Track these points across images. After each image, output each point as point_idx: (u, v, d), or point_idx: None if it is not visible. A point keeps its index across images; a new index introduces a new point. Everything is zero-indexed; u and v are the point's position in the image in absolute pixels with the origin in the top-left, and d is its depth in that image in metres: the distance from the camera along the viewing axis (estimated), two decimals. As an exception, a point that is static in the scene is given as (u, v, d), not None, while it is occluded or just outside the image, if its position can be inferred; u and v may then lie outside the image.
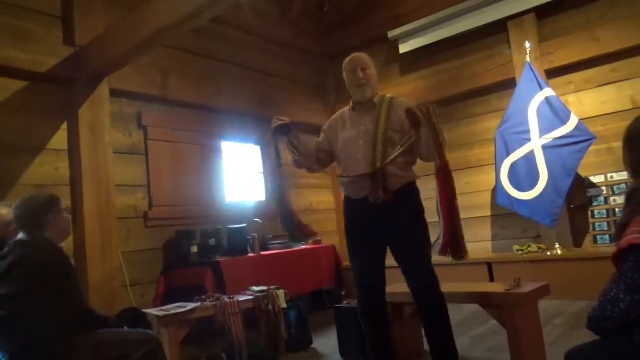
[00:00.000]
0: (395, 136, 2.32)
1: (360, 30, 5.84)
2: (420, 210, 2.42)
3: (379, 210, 2.29)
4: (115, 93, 3.87)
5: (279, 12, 5.56)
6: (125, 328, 2.47)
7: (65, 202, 2.40)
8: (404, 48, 5.44)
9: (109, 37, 3.43)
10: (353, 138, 2.40)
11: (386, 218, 2.31)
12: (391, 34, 5.46)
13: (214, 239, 4.12)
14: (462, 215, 5.56)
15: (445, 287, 2.38)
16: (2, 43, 3.26)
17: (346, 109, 2.54)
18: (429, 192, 2.64)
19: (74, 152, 3.59)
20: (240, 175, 5.09)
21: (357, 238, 2.44)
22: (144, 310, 3.06)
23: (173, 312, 2.92)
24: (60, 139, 3.60)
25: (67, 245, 2.48)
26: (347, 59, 2.48)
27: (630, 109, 4.21)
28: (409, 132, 2.24)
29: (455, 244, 2.16)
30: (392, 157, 2.24)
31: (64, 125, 3.63)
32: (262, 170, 5.29)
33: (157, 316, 2.86)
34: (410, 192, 2.41)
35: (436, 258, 2.29)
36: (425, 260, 2.35)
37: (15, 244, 2.09)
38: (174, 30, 3.07)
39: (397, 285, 2.75)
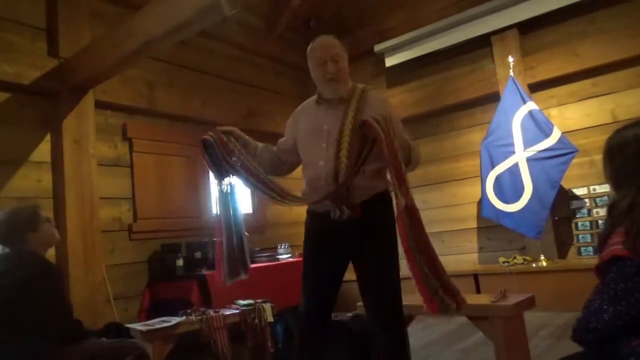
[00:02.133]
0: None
1: (347, 44, 5.84)
2: (390, 225, 1.99)
3: (342, 225, 1.93)
4: (100, 105, 3.84)
5: (265, 26, 5.58)
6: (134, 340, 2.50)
7: (48, 215, 2.37)
8: (390, 61, 5.50)
9: (94, 49, 3.41)
10: (314, 138, 2.00)
11: (350, 233, 1.95)
12: (377, 47, 5.52)
13: (199, 252, 4.08)
14: (448, 228, 5.57)
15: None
16: (-15, 54, 3.23)
17: (311, 100, 2.12)
18: (417, 203, 2.43)
19: (57, 164, 3.54)
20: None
21: (315, 255, 2.07)
22: (127, 325, 3.00)
23: (157, 326, 2.88)
24: (43, 151, 3.55)
25: (49, 258, 2.43)
26: (313, 44, 2.07)
27: (611, 123, 4.30)
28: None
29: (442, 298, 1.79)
30: (354, 170, 1.85)
31: (47, 137, 3.58)
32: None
33: (141, 331, 2.81)
34: (380, 204, 1.99)
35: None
36: (388, 289, 1.95)
37: None
38: (161, 43, 3.07)
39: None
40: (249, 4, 4.92)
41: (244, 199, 5.22)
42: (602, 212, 4.26)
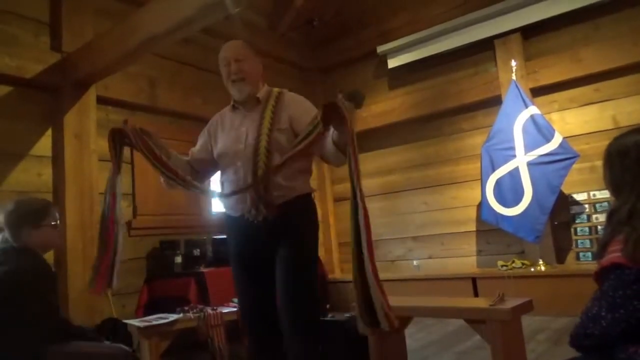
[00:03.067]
0: (282, 138, 1.88)
1: (349, 44, 5.90)
2: (308, 227, 1.95)
3: (259, 229, 1.88)
4: (102, 100, 3.84)
5: (268, 25, 5.59)
6: (107, 342, 2.41)
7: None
8: (392, 63, 5.49)
9: (97, 44, 3.41)
10: (232, 143, 1.96)
11: (266, 234, 1.88)
12: (380, 49, 5.52)
13: (198, 250, 4.08)
14: (447, 230, 5.59)
15: (430, 302, 2.37)
16: (-12, 47, 3.23)
17: (227, 108, 2.12)
18: (418, 205, 2.44)
19: (58, 159, 3.55)
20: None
21: (238, 264, 2.01)
22: (124, 321, 3.00)
23: (154, 323, 2.88)
24: (44, 145, 3.55)
25: (48, 253, 2.43)
26: (222, 47, 2.06)
27: (613, 129, 4.29)
28: (309, 131, 1.71)
29: (367, 311, 1.53)
30: (278, 164, 1.78)
31: (49, 132, 3.58)
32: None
33: (138, 327, 2.82)
34: (300, 206, 1.92)
35: (413, 273, 2.10)
36: (301, 293, 1.85)
37: None
38: (163, 40, 3.07)
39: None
40: (253, 3, 4.92)
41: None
42: (602, 217, 4.26)
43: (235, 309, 3.25)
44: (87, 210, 3.54)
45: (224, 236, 4.21)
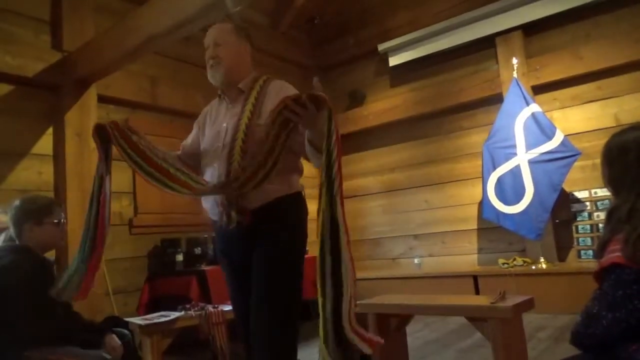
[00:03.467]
0: (263, 132, 1.58)
1: (351, 42, 5.90)
2: (289, 234, 1.69)
3: (236, 236, 1.70)
4: (102, 99, 3.84)
5: (270, 24, 5.58)
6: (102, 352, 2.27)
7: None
8: (393, 61, 5.49)
9: (98, 43, 3.41)
10: (212, 140, 1.77)
11: (244, 242, 1.69)
12: (381, 47, 5.51)
13: (199, 248, 4.08)
14: (449, 228, 5.59)
15: (431, 300, 2.36)
16: (-11, 46, 3.24)
17: (216, 98, 1.92)
18: (419, 203, 2.34)
19: (59, 157, 3.55)
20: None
21: (225, 271, 1.86)
22: (126, 319, 3.01)
23: (156, 321, 2.88)
24: (44, 144, 3.56)
25: (50, 252, 2.43)
26: None
27: (614, 126, 4.29)
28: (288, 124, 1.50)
29: (336, 333, 1.27)
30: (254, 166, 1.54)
31: (49, 130, 3.59)
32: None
33: (140, 325, 2.82)
34: (281, 210, 1.67)
35: (415, 271, 1.89)
36: (275, 321, 1.59)
37: None
38: (164, 38, 3.07)
39: (381, 297, 2.75)
40: (254, 2, 4.91)
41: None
42: (603, 215, 4.25)
43: (236, 307, 3.25)
44: (88, 208, 3.54)
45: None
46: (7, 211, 2.18)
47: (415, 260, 5.30)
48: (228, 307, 3.23)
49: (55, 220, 2.16)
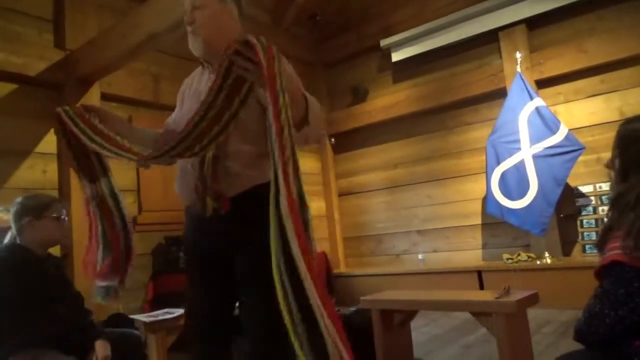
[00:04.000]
0: (244, 114, 1.39)
1: (353, 38, 5.89)
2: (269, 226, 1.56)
3: (212, 225, 1.52)
4: (106, 97, 3.85)
5: (272, 20, 5.57)
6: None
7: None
8: (396, 56, 5.47)
9: (100, 41, 3.41)
10: (190, 110, 1.54)
11: (223, 235, 1.52)
12: (383, 42, 5.50)
13: (203, 245, 4.09)
14: (453, 224, 5.57)
15: (436, 295, 2.37)
16: (-8, 45, 3.25)
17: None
18: (422, 198, 2.29)
19: (62, 155, 3.56)
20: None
21: (192, 263, 1.67)
22: (131, 317, 3.02)
23: (161, 318, 2.90)
24: (48, 142, 3.57)
25: (54, 249, 2.44)
26: None
27: (618, 120, 4.24)
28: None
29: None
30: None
31: (53, 129, 3.60)
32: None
33: (145, 322, 2.83)
34: (258, 197, 1.31)
35: (419, 267, 1.79)
36: (263, 310, 1.43)
37: None
38: (166, 36, 3.07)
39: (385, 293, 2.75)
40: (255, -2, 4.91)
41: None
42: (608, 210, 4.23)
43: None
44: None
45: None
46: (9, 209, 2.19)
47: (419, 256, 5.30)
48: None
49: (55, 215, 2.15)
